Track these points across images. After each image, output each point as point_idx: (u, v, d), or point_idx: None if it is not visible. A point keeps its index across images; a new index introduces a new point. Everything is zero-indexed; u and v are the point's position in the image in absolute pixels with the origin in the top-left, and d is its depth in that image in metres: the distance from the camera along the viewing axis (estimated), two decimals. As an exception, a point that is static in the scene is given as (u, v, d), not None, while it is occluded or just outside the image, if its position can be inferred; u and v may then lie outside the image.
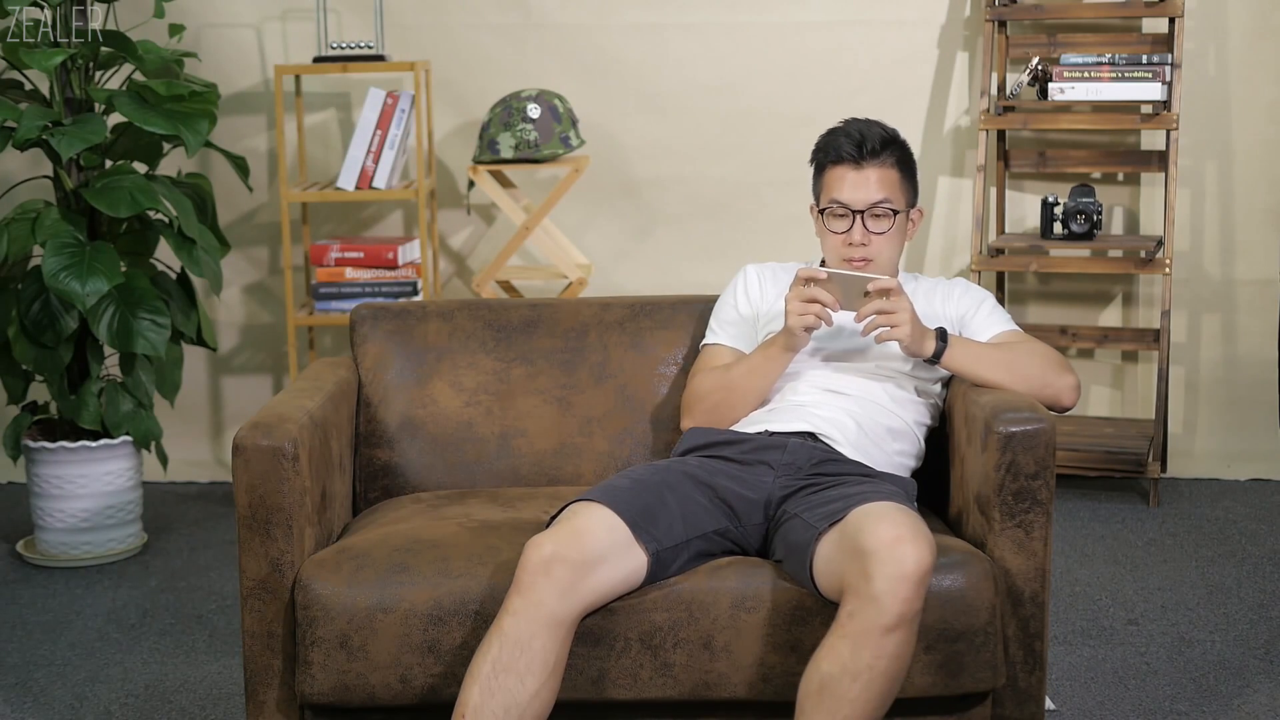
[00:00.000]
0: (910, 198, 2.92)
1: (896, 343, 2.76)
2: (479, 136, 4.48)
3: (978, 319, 2.90)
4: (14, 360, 4.05)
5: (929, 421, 2.90)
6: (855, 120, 2.91)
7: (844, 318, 2.81)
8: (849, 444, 2.76)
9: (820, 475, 2.68)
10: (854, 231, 2.85)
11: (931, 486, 2.93)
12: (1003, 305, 4.71)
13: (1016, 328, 2.92)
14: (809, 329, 2.75)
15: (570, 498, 2.93)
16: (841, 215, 2.86)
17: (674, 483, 2.64)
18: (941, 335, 2.78)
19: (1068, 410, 2.84)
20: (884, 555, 2.33)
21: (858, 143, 2.85)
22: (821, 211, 2.89)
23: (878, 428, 2.80)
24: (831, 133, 2.91)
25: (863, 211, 2.84)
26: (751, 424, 2.82)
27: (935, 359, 2.77)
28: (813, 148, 2.95)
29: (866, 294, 2.72)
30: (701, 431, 2.84)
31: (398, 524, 2.78)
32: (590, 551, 2.46)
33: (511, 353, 3.15)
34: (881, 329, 2.72)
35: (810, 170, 2.96)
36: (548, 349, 3.16)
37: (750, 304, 2.98)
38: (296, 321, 4.47)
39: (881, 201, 2.84)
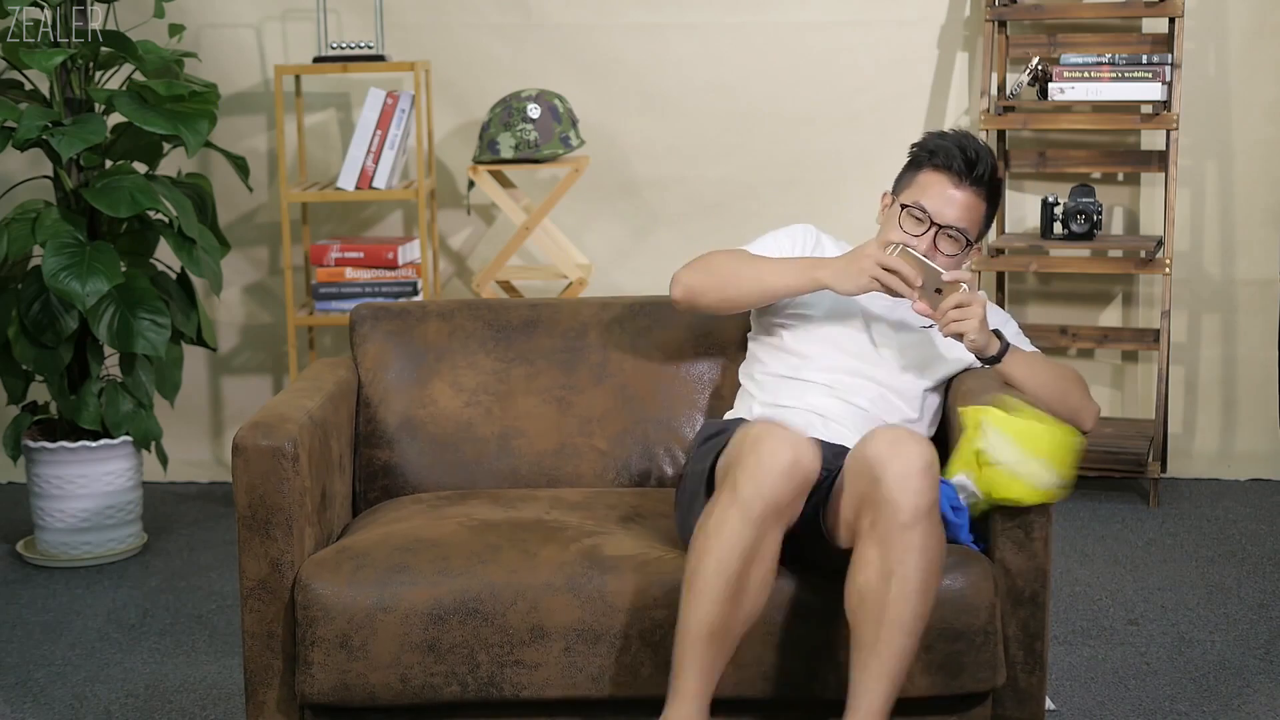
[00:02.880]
0: (982, 233, 2.92)
1: (959, 339, 2.76)
2: (479, 136, 4.48)
3: (1006, 338, 2.90)
4: (14, 360, 4.05)
5: (928, 435, 2.92)
6: (973, 138, 2.88)
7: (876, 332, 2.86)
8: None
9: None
10: (922, 241, 2.83)
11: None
12: (1002, 306, 4.73)
13: (1037, 350, 2.94)
14: (869, 289, 2.75)
15: (570, 498, 2.95)
16: (920, 219, 2.84)
17: None
18: (1000, 336, 2.79)
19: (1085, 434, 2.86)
20: (886, 457, 2.43)
21: (970, 163, 2.83)
22: (904, 207, 2.85)
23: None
24: (945, 136, 2.88)
25: (942, 227, 2.83)
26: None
27: (997, 359, 2.78)
28: (920, 140, 2.92)
29: (938, 290, 2.72)
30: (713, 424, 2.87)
31: (398, 524, 2.78)
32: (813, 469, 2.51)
33: (511, 353, 3.15)
34: (955, 322, 2.73)
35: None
36: (548, 349, 3.16)
37: (796, 252, 2.97)
38: (296, 321, 4.47)
39: (961, 229, 2.84)
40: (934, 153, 2.86)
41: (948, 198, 2.83)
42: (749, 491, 2.44)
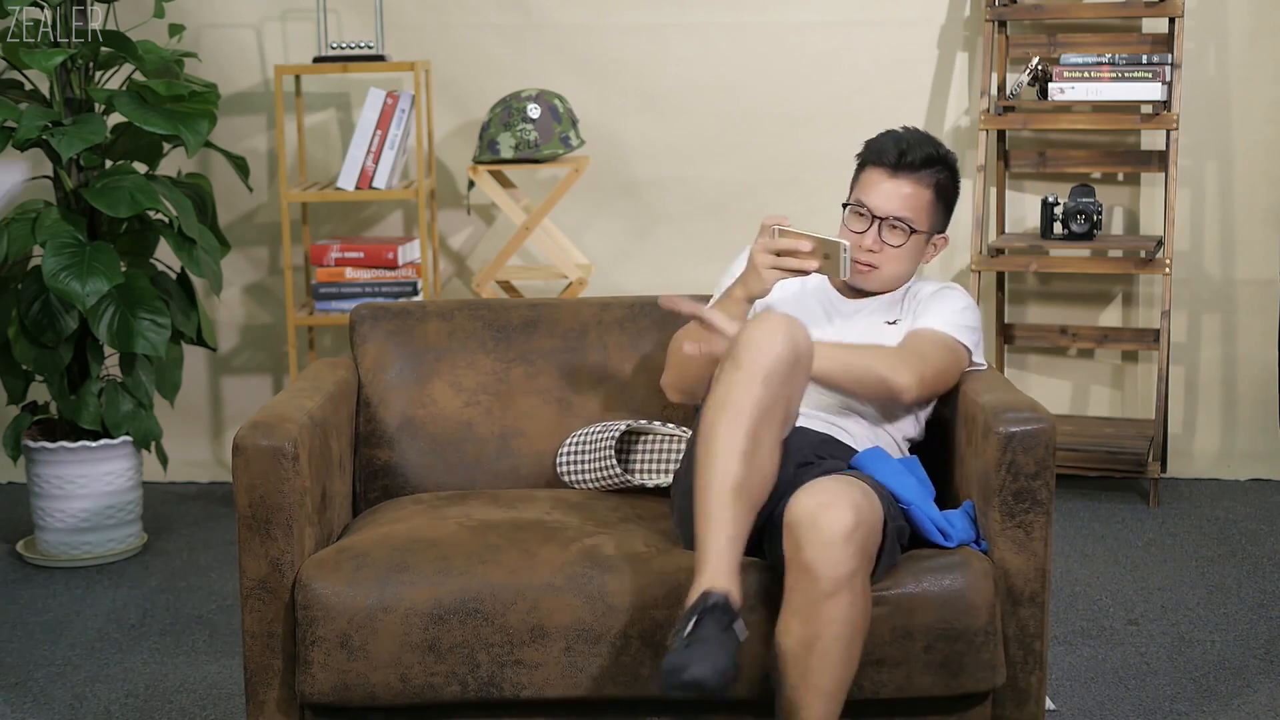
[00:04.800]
0: (936, 222, 2.91)
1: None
2: (479, 136, 4.48)
3: (923, 315, 2.88)
4: (14, 360, 4.05)
5: (913, 434, 2.91)
6: (913, 131, 2.91)
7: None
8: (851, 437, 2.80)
9: (818, 456, 2.72)
10: (867, 236, 2.85)
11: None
12: (1003, 306, 4.73)
13: (946, 333, 2.84)
14: (776, 279, 2.77)
15: (572, 498, 2.95)
16: (861, 215, 2.87)
17: None
18: None
19: (905, 403, 2.79)
20: (806, 524, 2.38)
21: (900, 152, 2.86)
22: (845, 206, 2.90)
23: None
24: (884, 134, 2.92)
25: (882, 219, 2.85)
26: None
27: None
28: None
29: (826, 256, 2.71)
30: None
31: (398, 524, 2.78)
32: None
33: (511, 353, 3.15)
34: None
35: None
36: (548, 349, 3.16)
37: None
38: (296, 321, 4.47)
39: (900, 217, 2.85)
40: (869, 149, 2.92)
41: (884, 189, 2.86)
42: (749, 357, 2.47)
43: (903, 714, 2.58)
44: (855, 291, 2.94)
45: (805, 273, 2.74)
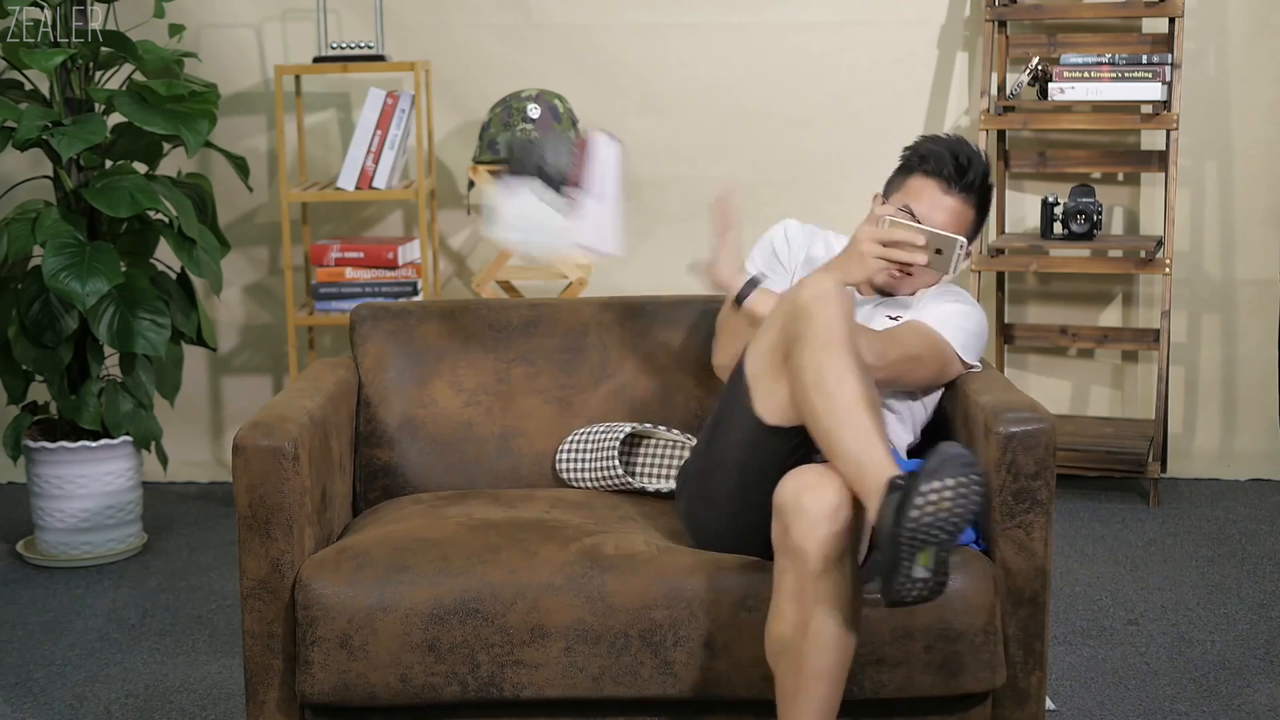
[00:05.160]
0: (970, 239, 2.91)
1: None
2: (479, 136, 4.48)
3: (921, 310, 2.88)
4: (14, 360, 4.05)
5: (909, 441, 2.91)
6: (966, 144, 2.89)
7: None
8: None
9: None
10: None
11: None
12: (1002, 306, 4.72)
13: (934, 328, 2.83)
14: (880, 269, 2.76)
15: (572, 498, 2.95)
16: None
17: None
18: (753, 284, 2.77)
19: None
20: (791, 506, 2.37)
21: (961, 169, 2.84)
22: (885, 205, 2.88)
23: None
24: (938, 142, 2.89)
25: None
26: None
27: (739, 301, 2.79)
28: (913, 144, 2.93)
29: (939, 251, 2.70)
30: None
31: (398, 524, 2.78)
32: None
33: (511, 353, 3.16)
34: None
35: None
36: (548, 349, 3.16)
37: (790, 254, 2.99)
38: (296, 321, 4.47)
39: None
40: (925, 158, 2.87)
41: (936, 204, 2.84)
42: (818, 305, 2.42)
43: (903, 714, 2.58)
44: (874, 288, 2.95)
45: (910, 266, 2.72)
